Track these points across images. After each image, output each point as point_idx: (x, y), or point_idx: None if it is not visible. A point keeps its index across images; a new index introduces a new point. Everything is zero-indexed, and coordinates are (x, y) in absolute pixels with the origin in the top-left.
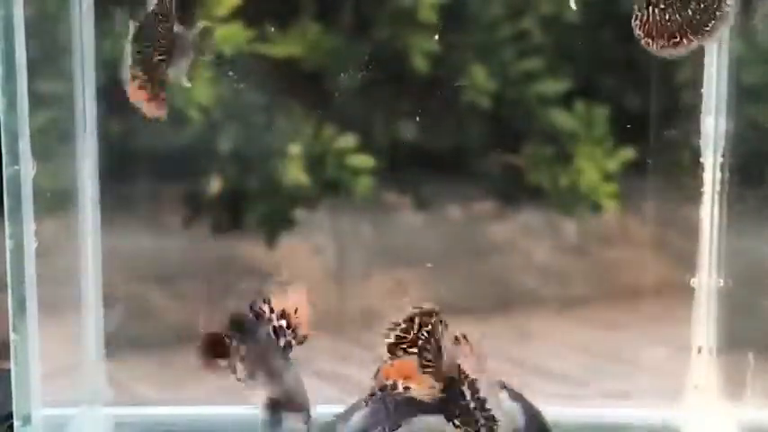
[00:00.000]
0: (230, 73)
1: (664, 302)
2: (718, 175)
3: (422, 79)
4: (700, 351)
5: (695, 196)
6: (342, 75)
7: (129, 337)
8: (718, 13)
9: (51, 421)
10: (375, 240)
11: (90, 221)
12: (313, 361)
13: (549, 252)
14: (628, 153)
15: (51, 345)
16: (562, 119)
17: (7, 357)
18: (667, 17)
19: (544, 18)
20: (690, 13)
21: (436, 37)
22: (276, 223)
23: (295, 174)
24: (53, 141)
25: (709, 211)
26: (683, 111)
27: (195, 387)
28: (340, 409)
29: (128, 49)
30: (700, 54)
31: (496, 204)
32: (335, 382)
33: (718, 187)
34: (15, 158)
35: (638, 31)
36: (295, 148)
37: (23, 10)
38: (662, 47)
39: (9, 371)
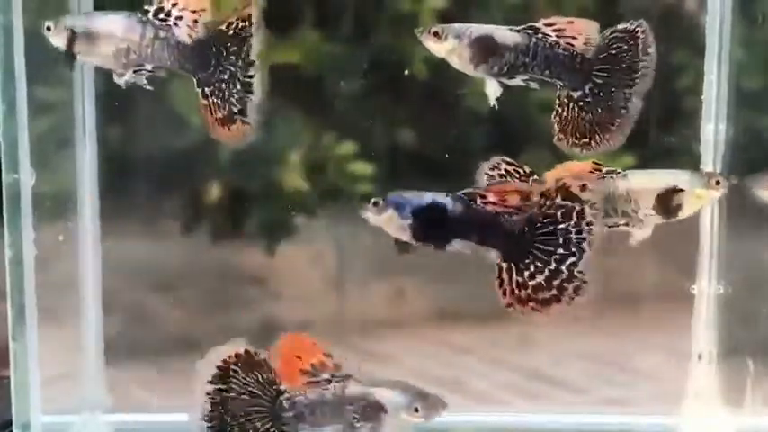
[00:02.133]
0: None
1: (664, 309)
2: None
3: (422, 86)
4: (700, 358)
5: None
6: (342, 81)
7: (129, 345)
8: (623, 111)
9: (51, 428)
10: (375, 247)
11: (89, 228)
12: None
13: None
14: (628, 159)
15: (51, 352)
16: None
17: (8, 365)
18: (583, 116)
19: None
20: (601, 110)
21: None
22: (276, 230)
23: (295, 181)
24: (52, 148)
25: (709, 218)
26: (683, 117)
27: (194, 394)
28: None
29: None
30: (700, 61)
31: None
32: None
33: None
34: (15, 167)
35: (554, 126)
36: (295, 155)
37: (23, 18)
38: (575, 145)
39: (9, 378)
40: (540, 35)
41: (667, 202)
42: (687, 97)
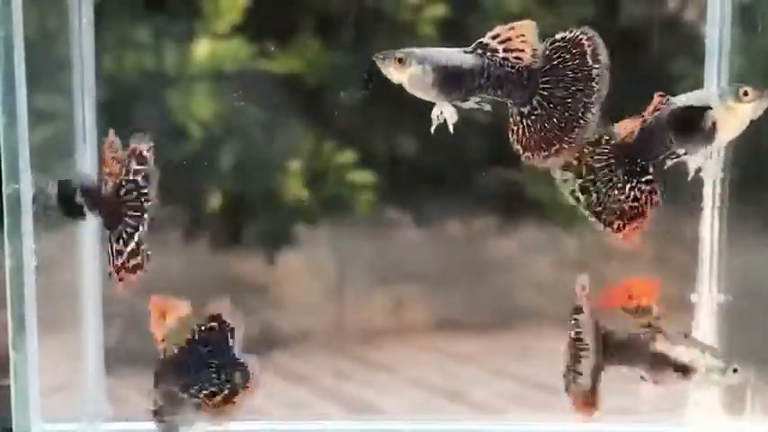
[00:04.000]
0: (234, 94)
1: (664, 318)
2: (719, 190)
3: None
4: None
5: (695, 211)
6: (342, 91)
7: (129, 353)
8: (581, 121)
9: None
10: (375, 256)
11: (90, 237)
12: (313, 377)
13: (549, 267)
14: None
15: (51, 360)
16: None
17: (8, 373)
18: (539, 127)
19: (544, 34)
20: (556, 121)
21: None
22: (276, 239)
23: (295, 189)
24: (53, 157)
25: (710, 227)
26: None
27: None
28: (340, 425)
29: None
30: (700, 70)
31: (497, 220)
32: (336, 399)
33: (718, 202)
34: (15, 177)
35: (516, 146)
36: (295, 164)
37: (23, 26)
38: (544, 158)
39: (9, 387)
40: (489, 53)
41: (697, 123)
42: None
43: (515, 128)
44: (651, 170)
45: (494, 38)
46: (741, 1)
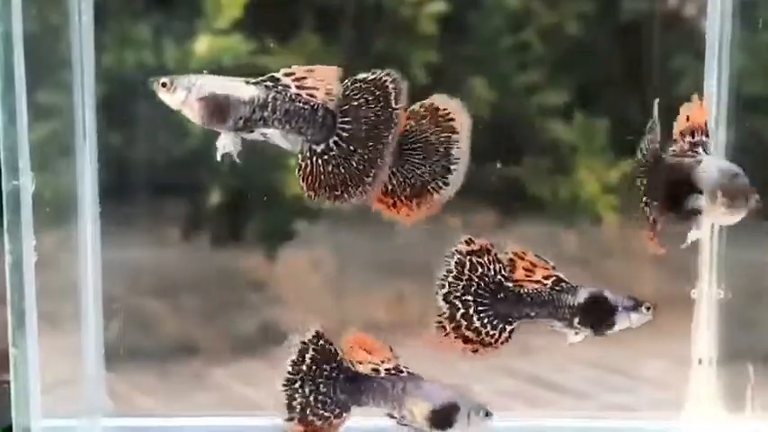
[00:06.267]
0: None
1: (664, 314)
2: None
3: (421, 90)
4: (700, 362)
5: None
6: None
7: (129, 349)
8: (380, 161)
9: None
10: (375, 252)
11: (90, 234)
12: None
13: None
14: (628, 165)
15: (51, 357)
16: (562, 131)
17: (8, 369)
18: (330, 169)
19: (544, 30)
20: (354, 162)
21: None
22: (276, 235)
23: (295, 185)
24: (53, 154)
25: (709, 223)
26: None
27: (194, 398)
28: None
29: None
30: (700, 66)
31: (497, 216)
32: None
33: None
34: (15, 173)
35: (301, 183)
36: (295, 160)
37: (23, 24)
38: (334, 198)
39: (9, 383)
40: (279, 87)
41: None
42: (687, 102)
43: (303, 164)
44: None
45: (287, 75)
46: None
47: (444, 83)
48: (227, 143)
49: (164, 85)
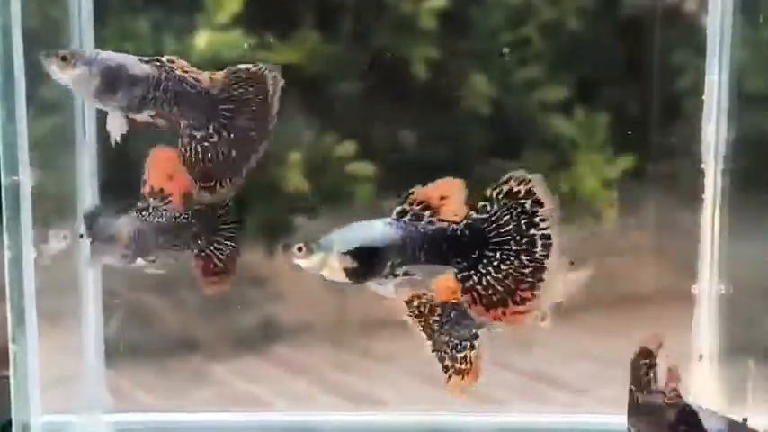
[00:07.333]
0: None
1: (665, 309)
2: (719, 182)
3: (422, 86)
4: (701, 358)
5: (696, 203)
6: (342, 82)
7: (129, 345)
8: (253, 155)
9: (51, 428)
10: None
11: None
12: (314, 369)
13: None
14: (628, 160)
15: (51, 353)
16: (562, 126)
17: (8, 365)
18: (210, 155)
19: (544, 25)
20: (229, 152)
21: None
22: (276, 230)
23: (295, 181)
24: (52, 150)
25: (710, 219)
26: (684, 118)
27: (194, 394)
28: (342, 417)
29: None
30: (700, 61)
31: None
32: (337, 391)
33: (718, 194)
34: (14, 169)
35: (185, 170)
36: (295, 156)
37: (22, 18)
38: (205, 189)
39: (9, 378)
40: (167, 68)
41: None
42: (688, 98)
43: (183, 149)
44: None
45: (170, 62)
46: None
47: (445, 78)
48: (117, 124)
49: (63, 58)
